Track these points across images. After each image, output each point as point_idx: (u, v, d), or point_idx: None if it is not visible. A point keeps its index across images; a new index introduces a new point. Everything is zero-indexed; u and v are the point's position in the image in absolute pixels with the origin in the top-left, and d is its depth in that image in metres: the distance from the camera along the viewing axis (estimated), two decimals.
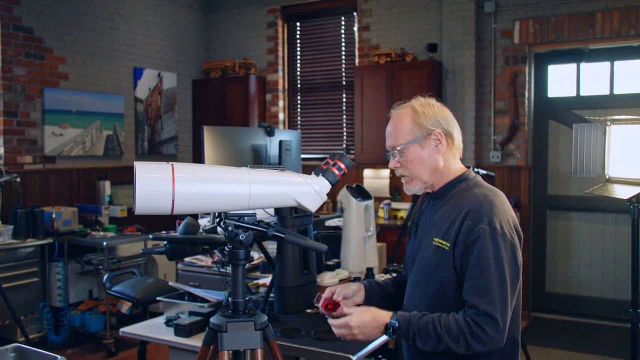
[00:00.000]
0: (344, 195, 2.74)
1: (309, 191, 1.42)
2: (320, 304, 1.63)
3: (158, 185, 1.23)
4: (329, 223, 3.34)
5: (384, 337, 1.73)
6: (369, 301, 1.75)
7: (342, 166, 1.49)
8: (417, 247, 1.67)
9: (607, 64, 4.98)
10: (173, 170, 1.25)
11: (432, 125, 1.62)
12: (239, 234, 1.39)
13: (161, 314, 2.49)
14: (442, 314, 1.49)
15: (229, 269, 2.35)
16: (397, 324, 1.49)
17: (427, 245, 1.60)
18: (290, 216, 2.26)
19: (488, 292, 1.43)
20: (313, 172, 1.48)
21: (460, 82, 5.19)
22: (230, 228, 1.38)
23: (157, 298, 2.56)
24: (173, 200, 1.24)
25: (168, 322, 2.34)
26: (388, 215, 5.27)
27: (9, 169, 4.55)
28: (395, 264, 2.72)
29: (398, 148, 1.63)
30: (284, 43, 6.36)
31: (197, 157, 6.40)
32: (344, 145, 6.04)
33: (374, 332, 1.53)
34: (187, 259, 3.22)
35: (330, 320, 1.56)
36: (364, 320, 1.51)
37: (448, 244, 1.53)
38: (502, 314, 1.43)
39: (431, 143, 1.62)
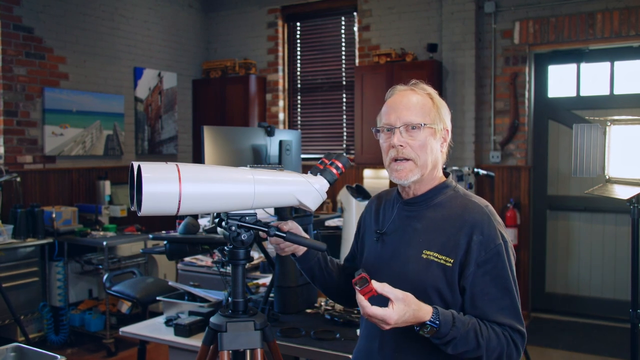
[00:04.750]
0: (344, 195, 2.74)
1: (310, 190, 1.42)
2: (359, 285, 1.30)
3: (165, 187, 1.22)
4: (329, 223, 3.35)
5: None
6: (303, 261, 1.59)
7: (340, 165, 1.49)
8: (389, 257, 1.50)
9: (607, 64, 4.98)
10: (179, 171, 1.24)
11: (446, 120, 1.51)
12: (241, 233, 1.39)
13: (161, 313, 2.50)
14: (479, 320, 1.37)
15: (228, 268, 2.35)
16: (437, 325, 1.31)
17: (413, 258, 1.45)
18: (291, 216, 2.26)
19: (517, 312, 1.40)
20: (309, 172, 1.48)
21: (460, 82, 5.19)
22: (233, 228, 1.38)
23: (157, 298, 2.57)
24: (179, 201, 1.23)
25: (168, 322, 2.34)
26: None
27: (9, 168, 4.55)
28: None
29: (423, 124, 1.44)
30: (284, 43, 6.36)
31: (197, 157, 6.40)
32: (344, 145, 6.04)
33: (407, 325, 1.33)
34: (187, 259, 3.22)
35: (367, 306, 1.28)
36: (405, 319, 1.29)
37: (451, 260, 1.40)
38: (524, 325, 1.43)
39: (440, 138, 1.50)
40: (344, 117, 6.05)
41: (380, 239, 1.55)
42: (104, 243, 4.37)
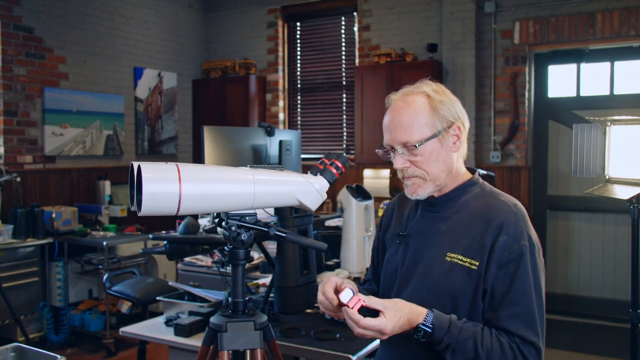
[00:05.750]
0: (344, 195, 2.74)
1: (310, 190, 1.42)
2: (345, 302, 1.28)
3: (165, 187, 1.22)
4: (329, 223, 3.35)
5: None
6: None
7: (340, 165, 1.49)
8: (413, 260, 1.44)
9: (607, 64, 4.98)
10: (179, 171, 1.24)
11: (452, 117, 1.38)
12: (241, 233, 1.39)
13: (161, 313, 2.49)
14: (483, 329, 1.30)
15: (228, 268, 2.35)
16: (431, 329, 1.27)
17: (436, 261, 1.38)
18: (291, 216, 2.26)
19: (533, 321, 1.29)
20: (309, 172, 1.48)
21: (460, 82, 5.19)
22: (233, 228, 1.38)
23: (157, 298, 2.56)
24: (179, 201, 1.23)
25: (168, 322, 2.34)
26: None
27: (9, 168, 4.55)
28: None
29: (417, 145, 1.36)
30: (284, 43, 6.36)
31: (197, 157, 6.40)
32: (344, 145, 6.04)
33: (404, 331, 1.30)
34: (187, 259, 3.22)
35: (360, 319, 1.25)
36: (400, 325, 1.27)
37: (476, 263, 1.32)
38: (543, 340, 1.31)
39: (450, 138, 1.39)
40: (344, 117, 6.04)
41: (403, 242, 1.48)
42: (104, 243, 4.37)
